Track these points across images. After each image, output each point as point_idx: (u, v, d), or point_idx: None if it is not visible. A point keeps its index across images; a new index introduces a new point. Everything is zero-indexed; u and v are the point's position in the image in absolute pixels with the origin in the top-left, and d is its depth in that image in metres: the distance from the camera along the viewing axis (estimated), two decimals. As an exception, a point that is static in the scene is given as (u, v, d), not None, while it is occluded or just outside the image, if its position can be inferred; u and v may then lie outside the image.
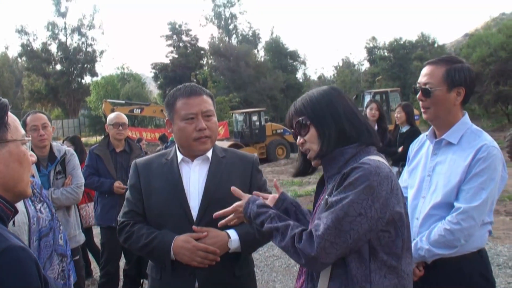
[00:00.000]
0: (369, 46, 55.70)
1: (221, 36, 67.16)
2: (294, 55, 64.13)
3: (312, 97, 2.10)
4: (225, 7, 69.01)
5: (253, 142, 25.52)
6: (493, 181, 2.51)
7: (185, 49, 62.68)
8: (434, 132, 2.82)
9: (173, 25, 63.57)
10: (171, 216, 2.54)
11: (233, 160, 2.71)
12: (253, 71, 53.50)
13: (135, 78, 61.30)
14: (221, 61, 56.33)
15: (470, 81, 2.68)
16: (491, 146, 2.56)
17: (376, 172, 1.84)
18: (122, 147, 5.48)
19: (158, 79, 63.52)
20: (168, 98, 2.65)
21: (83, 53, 65.07)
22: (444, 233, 2.51)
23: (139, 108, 30.67)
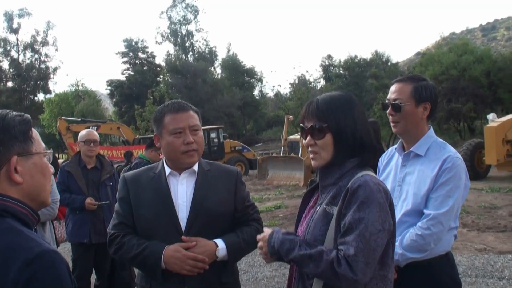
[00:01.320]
0: (324, 64, 56.61)
1: (178, 54, 67.16)
2: (251, 73, 64.75)
3: (337, 104, 2.10)
4: (181, 24, 69.19)
5: (212, 159, 25.35)
6: (458, 189, 2.74)
7: (141, 66, 62.53)
8: (402, 145, 3.03)
9: (129, 42, 63.35)
10: (160, 227, 2.61)
11: (218, 173, 2.81)
12: (210, 88, 53.73)
13: (90, 95, 60.66)
14: (177, 79, 56.35)
15: (435, 97, 2.94)
16: (455, 157, 2.77)
17: (379, 189, 1.95)
18: (94, 163, 5.48)
19: (114, 96, 62.93)
20: (156, 113, 2.74)
21: (36, 70, 64.06)
22: (415, 238, 2.70)
23: (95, 126, 30.13)
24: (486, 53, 37.03)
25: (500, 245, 7.75)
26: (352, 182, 1.98)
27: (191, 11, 69.32)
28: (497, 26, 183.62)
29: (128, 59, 63.37)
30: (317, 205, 2.14)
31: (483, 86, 33.14)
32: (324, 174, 2.14)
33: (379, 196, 1.93)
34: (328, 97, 2.14)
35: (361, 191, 1.93)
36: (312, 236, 2.05)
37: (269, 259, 2.16)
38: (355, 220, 1.91)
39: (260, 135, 56.47)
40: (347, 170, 2.07)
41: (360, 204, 1.92)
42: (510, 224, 9.10)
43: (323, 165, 2.12)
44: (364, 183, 1.95)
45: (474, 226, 9.08)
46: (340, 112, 2.08)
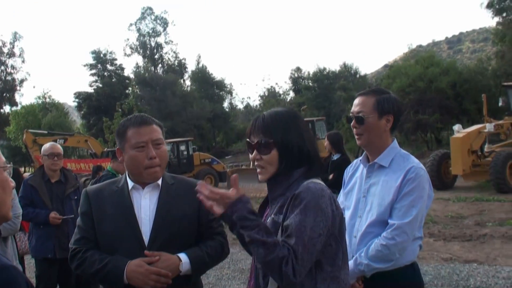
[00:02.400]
0: (294, 76, 56.96)
1: (147, 66, 66.81)
2: (221, 85, 64.72)
3: (283, 120, 2.15)
4: (151, 36, 68.88)
5: (181, 172, 25.24)
6: (422, 199, 2.78)
7: (110, 79, 62.01)
8: (367, 156, 3.07)
9: (97, 54, 62.76)
10: (123, 242, 2.57)
11: (182, 187, 2.78)
12: (179, 101, 53.52)
13: (57, 108, 59.84)
14: (147, 91, 56.04)
15: (397, 109, 2.98)
16: (419, 167, 2.82)
17: (322, 194, 2.00)
18: (58, 177, 5.39)
19: (81, 108, 62.21)
20: (119, 127, 2.70)
21: (2, 81, 62.83)
22: (381, 248, 2.72)
23: (62, 139, 29.73)
24: (452, 65, 37.76)
25: (466, 254, 7.88)
26: (297, 189, 2.04)
27: (160, 23, 69.13)
28: (463, 38, 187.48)
29: (96, 71, 62.66)
30: (268, 216, 2.18)
31: (449, 97, 33.73)
32: (272, 186, 2.20)
33: (321, 202, 1.99)
34: (274, 112, 2.21)
35: (303, 196, 1.99)
36: None
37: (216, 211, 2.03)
38: (296, 224, 1.95)
39: (230, 147, 56.34)
40: (294, 180, 2.12)
41: (302, 209, 1.97)
42: (475, 233, 9.26)
43: (269, 178, 2.18)
44: (306, 189, 2.01)
45: (440, 235, 9.22)
46: (286, 127, 2.14)
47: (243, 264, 8.29)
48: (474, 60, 54.18)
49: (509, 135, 17.03)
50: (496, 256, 7.68)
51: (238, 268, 8.13)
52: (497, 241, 8.60)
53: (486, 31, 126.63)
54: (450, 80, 33.99)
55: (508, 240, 8.65)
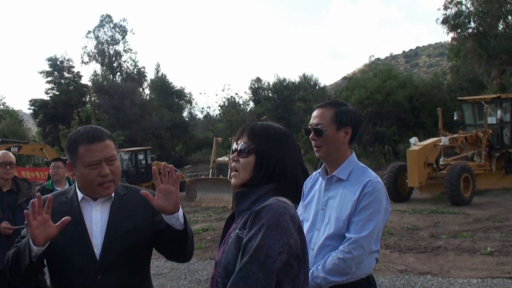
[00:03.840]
0: (254, 86, 57.10)
1: (105, 74, 66.02)
2: (180, 94, 64.48)
3: (271, 132, 2.17)
4: (109, 44, 68.17)
5: (139, 181, 24.99)
6: (379, 213, 2.80)
7: (67, 86, 60.91)
8: (325, 169, 3.07)
9: (54, 61, 61.60)
10: (74, 254, 2.49)
11: (135, 197, 2.70)
12: (138, 109, 53.01)
13: (12, 115, 58.54)
14: (105, 99, 55.28)
15: (356, 121, 3.02)
16: (376, 181, 2.85)
17: (284, 212, 1.96)
18: (9, 186, 5.24)
19: (37, 116, 60.92)
20: (69, 142, 2.58)
21: (-46, 87, 61.12)
22: (337, 261, 2.73)
23: (17, 147, 28.90)
24: (409, 78, 38.44)
25: (420, 266, 8.00)
26: (260, 205, 2.00)
27: (119, 31, 68.49)
28: (419, 53, 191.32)
29: (52, 78, 61.36)
30: (233, 230, 2.14)
31: (406, 110, 34.29)
32: (239, 199, 2.17)
33: (282, 219, 1.95)
34: (267, 124, 2.25)
35: (263, 213, 1.96)
36: (225, 260, 2.04)
37: None
38: (252, 241, 1.92)
39: (189, 156, 56.04)
40: (262, 195, 2.09)
41: (261, 226, 1.93)
42: (430, 245, 9.41)
43: (240, 185, 2.16)
44: (268, 206, 1.98)
45: (396, 247, 9.33)
46: (270, 140, 2.14)
47: (200, 275, 8.20)
48: (430, 74, 55.30)
49: (463, 148, 17.45)
50: (449, 268, 7.80)
51: (195, 279, 8.04)
52: (451, 253, 8.75)
53: (441, 46, 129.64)
54: (407, 93, 34.58)
55: (461, 252, 8.81)
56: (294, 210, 2.06)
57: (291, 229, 1.96)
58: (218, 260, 2.13)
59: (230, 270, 1.99)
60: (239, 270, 1.91)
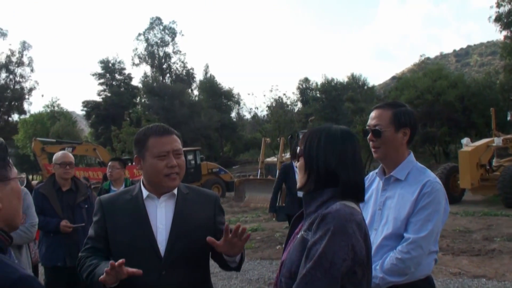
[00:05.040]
0: (302, 87, 56.97)
1: (155, 75, 67.08)
2: (229, 95, 64.84)
3: (317, 135, 2.15)
4: (159, 46, 69.23)
5: (189, 181, 24.89)
6: (438, 213, 2.76)
7: (118, 88, 62.21)
8: (383, 169, 3.06)
9: (106, 63, 63.05)
10: (138, 252, 2.55)
11: (197, 197, 2.80)
12: (187, 110, 53.66)
13: (66, 116, 60.13)
14: (155, 100, 56.21)
15: (414, 122, 2.98)
16: (435, 182, 2.80)
17: (351, 219, 1.93)
18: (69, 186, 5.39)
19: (90, 117, 62.44)
20: (139, 135, 2.70)
21: (11, 90, 63.31)
22: (396, 262, 2.71)
23: (71, 147, 29.65)
24: (460, 78, 37.70)
25: (474, 269, 7.81)
26: (326, 209, 1.99)
27: (169, 33, 69.57)
28: (470, 52, 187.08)
29: (104, 80, 63.04)
30: (301, 231, 2.15)
31: (457, 110, 33.63)
32: (307, 201, 2.16)
33: (348, 226, 1.92)
34: (322, 126, 2.22)
35: (329, 219, 1.94)
36: (290, 261, 2.06)
37: None
38: (317, 247, 1.92)
39: (237, 157, 56.50)
40: (328, 199, 2.07)
41: (326, 231, 1.92)
42: (484, 248, 9.18)
43: (300, 187, 2.18)
44: (335, 212, 1.95)
45: (449, 250, 9.15)
46: (318, 141, 2.13)
47: (251, 275, 8.27)
48: (482, 73, 54.04)
49: (517, 149, 16.97)
50: (504, 271, 7.60)
51: (246, 278, 8.10)
52: (506, 257, 8.52)
53: (494, 45, 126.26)
54: (458, 93, 33.90)
55: (516, 256, 8.59)
56: (361, 217, 2.03)
57: (357, 235, 1.93)
58: (284, 260, 2.15)
59: (294, 271, 2.01)
60: (303, 276, 1.92)
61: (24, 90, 64.77)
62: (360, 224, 1.98)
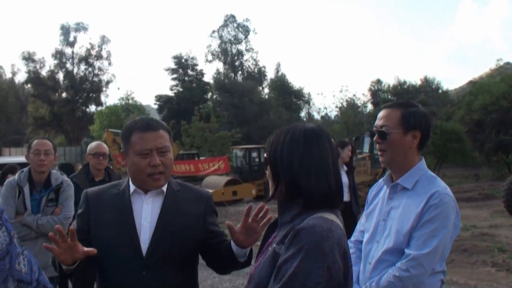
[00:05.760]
0: (373, 88, 56.05)
1: (227, 72, 67.77)
2: (299, 94, 64.62)
3: (284, 137, 1.93)
4: (232, 43, 69.88)
5: (252, 179, 25.14)
6: (445, 229, 2.47)
7: (190, 83, 63.24)
8: (391, 176, 2.79)
9: (179, 59, 64.27)
10: (119, 249, 2.42)
11: (188, 195, 2.64)
12: (257, 108, 53.86)
13: (139, 109, 61.64)
14: (225, 97, 56.79)
15: (426, 125, 2.67)
16: (444, 193, 2.52)
17: (328, 236, 1.72)
18: (102, 176, 5.43)
19: (162, 111, 63.88)
20: (124, 130, 2.56)
21: (89, 82, 65.76)
22: (393, 279, 2.44)
23: (140, 139, 30.46)
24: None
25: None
26: (301, 223, 1.77)
27: (242, 31, 70.09)
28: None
29: (177, 75, 64.34)
30: (273, 242, 1.93)
31: (534, 118, 31.94)
32: (282, 209, 1.94)
33: (324, 245, 1.70)
34: (286, 128, 1.99)
35: (303, 235, 1.72)
36: (258, 277, 1.85)
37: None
38: (287, 266, 1.69)
39: (304, 157, 56.22)
40: (301, 210, 1.85)
41: (299, 249, 1.70)
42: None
43: (270, 197, 1.96)
44: (310, 227, 1.73)
45: (504, 265, 8.54)
46: (281, 146, 1.91)
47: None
48: None
49: None
50: None
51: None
52: None
53: None
54: (535, 100, 32.16)
55: None
56: (342, 232, 1.80)
57: (335, 255, 1.71)
58: (252, 274, 1.94)
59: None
60: None
61: (102, 82, 67.01)
62: (340, 241, 1.75)
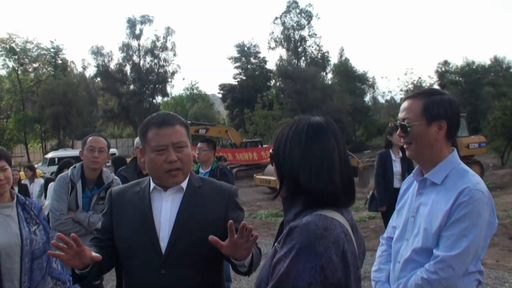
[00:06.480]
0: (440, 70, 54.44)
1: (290, 59, 67.44)
2: (363, 78, 63.53)
3: (283, 134, 1.86)
4: (295, 29, 69.38)
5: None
6: (476, 228, 2.30)
7: (253, 71, 63.43)
8: (420, 170, 2.65)
9: (241, 47, 64.56)
10: (139, 247, 2.41)
11: (210, 190, 2.59)
12: (320, 94, 53.33)
13: (204, 99, 62.56)
14: (288, 83, 56.52)
15: (452, 113, 2.51)
16: (475, 189, 2.34)
17: (322, 235, 1.63)
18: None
19: (226, 100, 64.47)
20: (141, 127, 2.55)
21: (155, 74, 66.99)
22: (421, 282, 2.33)
23: (205, 129, 30.89)
24: None
25: None
26: (298, 221, 1.71)
27: (305, 16, 69.35)
28: None
29: (240, 64, 64.78)
30: (276, 241, 1.88)
31: None
32: (286, 207, 1.88)
33: (317, 244, 1.61)
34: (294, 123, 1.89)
35: (295, 233, 1.66)
36: (260, 276, 1.81)
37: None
38: (280, 264, 1.65)
39: (370, 141, 55.34)
40: (303, 208, 1.78)
41: (291, 248, 1.64)
42: None
43: (276, 194, 1.90)
44: (303, 225, 1.66)
45: None
46: (284, 141, 1.84)
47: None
48: None
49: None
50: None
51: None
52: None
53: None
54: None
55: None
56: (342, 230, 1.70)
57: (330, 255, 1.62)
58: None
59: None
60: None
61: (167, 73, 67.97)
62: (337, 240, 1.66)
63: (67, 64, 62.75)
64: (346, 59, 65.74)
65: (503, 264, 7.63)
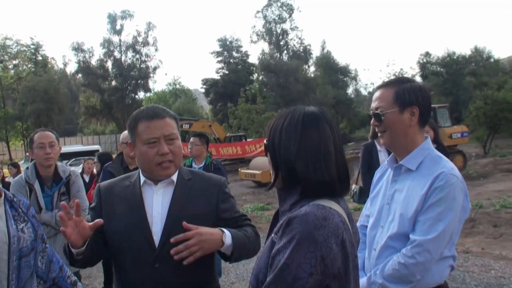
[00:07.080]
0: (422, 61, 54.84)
1: (272, 52, 67.47)
2: (345, 71, 63.82)
3: (278, 125, 1.85)
4: (277, 23, 69.40)
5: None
6: (452, 212, 2.34)
7: (236, 65, 63.44)
8: (395, 158, 2.68)
9: (224, 41, 64.50)
10: (132, 241, 2.40)
11: (200, 183, 2.59)
12: (302, 87, 53.49)
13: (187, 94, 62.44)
14: (271, 77, 56.59)
15: (423, 99, 2.54)
16: (450, 174, 2.38)
17: (322, 225, 1.63)
18: (135, 164, 5.46)
19: (209, 94, 64.39)
20: (130, 120, 2.53)
21: (137, 69, 66.67)
22: (398, 267, 2.35)
23: (188, 124, 30.91)
24: None
25: None
26: (296, 211, 1.70)
27: (286, 9, 69.37)
28: None
29: (222, 58, 64.77)
30: (272, 232, 1.86)
31: None
32: (281, 198, 1.87)
33: (317, 234, 1.61)
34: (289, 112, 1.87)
35: (295, 224, 1.65)
36: (257, 267, 1.80)
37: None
38: (280, 255, 1.64)
39: (353, 133, 55.66)
40: (299, 198, 1.78)
41: (291, 239, 1.63)
42: None
43: (271, 185, 1.89)
44: (302, 216, 1.65)
45: None
46: (279, 131, 1.82)
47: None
48: None
49: None
50: None
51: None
52: None
53: None
54: None
55: None
56: (340, 219, 1.70)
57: (330, 244, 1.61)
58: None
59: (261, 279, 1.75)
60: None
61: (149, 69, 67.73)
62: (336, 230, 1.65)
63: (47, 61, 62.28)
64: (328, 52, 66.04)
65: (488, 252, 7.74)
